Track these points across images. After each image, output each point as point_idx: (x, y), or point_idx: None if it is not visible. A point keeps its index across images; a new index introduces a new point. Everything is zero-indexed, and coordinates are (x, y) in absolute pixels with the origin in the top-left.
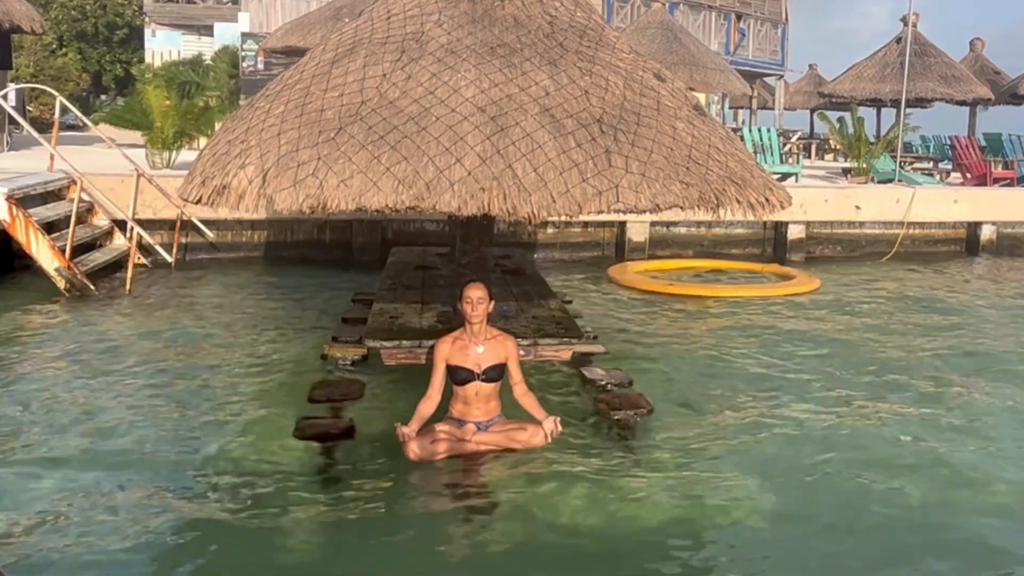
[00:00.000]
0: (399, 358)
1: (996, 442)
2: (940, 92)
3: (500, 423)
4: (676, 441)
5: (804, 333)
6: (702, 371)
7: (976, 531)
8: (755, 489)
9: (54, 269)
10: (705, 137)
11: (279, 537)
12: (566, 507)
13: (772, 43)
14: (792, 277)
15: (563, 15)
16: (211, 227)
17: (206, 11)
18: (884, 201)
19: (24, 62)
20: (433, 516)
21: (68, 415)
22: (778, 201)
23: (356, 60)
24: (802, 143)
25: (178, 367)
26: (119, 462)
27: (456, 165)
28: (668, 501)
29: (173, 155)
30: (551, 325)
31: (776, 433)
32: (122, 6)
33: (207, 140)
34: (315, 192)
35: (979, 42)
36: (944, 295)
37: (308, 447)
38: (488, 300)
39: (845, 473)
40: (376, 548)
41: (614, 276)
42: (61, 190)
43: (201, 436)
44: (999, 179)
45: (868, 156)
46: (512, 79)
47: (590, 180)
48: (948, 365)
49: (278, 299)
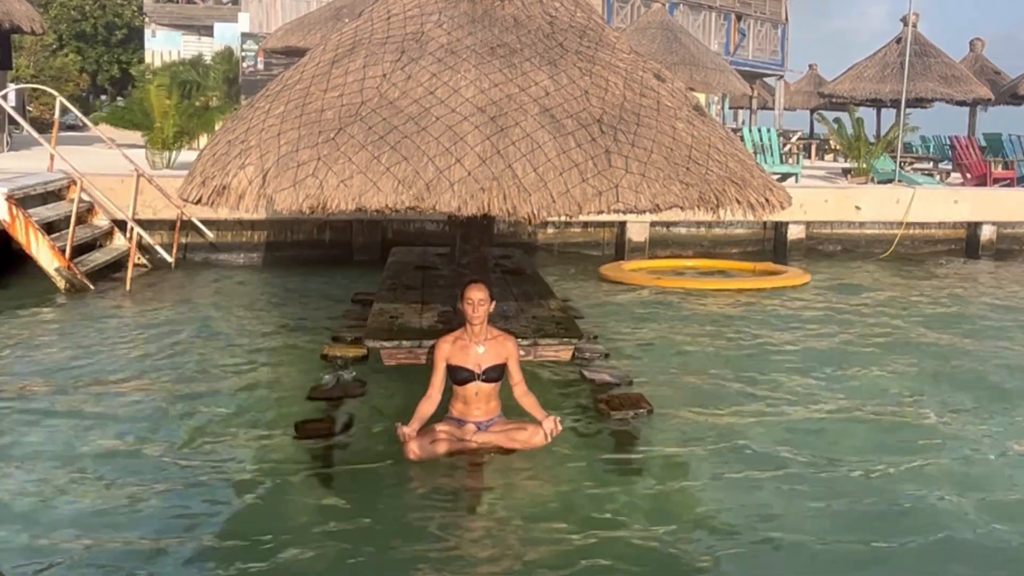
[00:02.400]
0: (399, 358)
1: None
2: (940, 92)
3: (500, 423)
4: (676, 441)
5: (804, 333)
6: (702, 371)
7: (973, 529)
8: (755, 488)
9: (54, 269)
10: (705, 137)
11: (277, 535)
12: (566, 507)
13: (772, 43)
14: (782, 275)
15: (563, 15)
16: (211, 227)
17: (206, 11)
18: (884, 201)
19: (24, 62)
20: (432, 516)
21: (67, 414)
22: (778, 201)
23: (356, 60)
24: (802, 143)
25: (177, 367)
26: (117, 461)
27: (456, 165)
28: (668, 501)
29: (173, 155)
30: (551, 325)
31: (776, 432)
32: (121, 6)
33: (207, 140)
34: (315, 192)
35: (979, 42)
36: (940, 294)
37: (308, 447)
38: (489, 301)
39: (845, 473)
40: (375, 547)
41: (606, 275)
42: (61, 190)
43: (200, 435)
44: (999, 179)
45: (868, 156)
46: (512, 79)
47: (590, 180)
48: (948, 363)
49: (278, 299)
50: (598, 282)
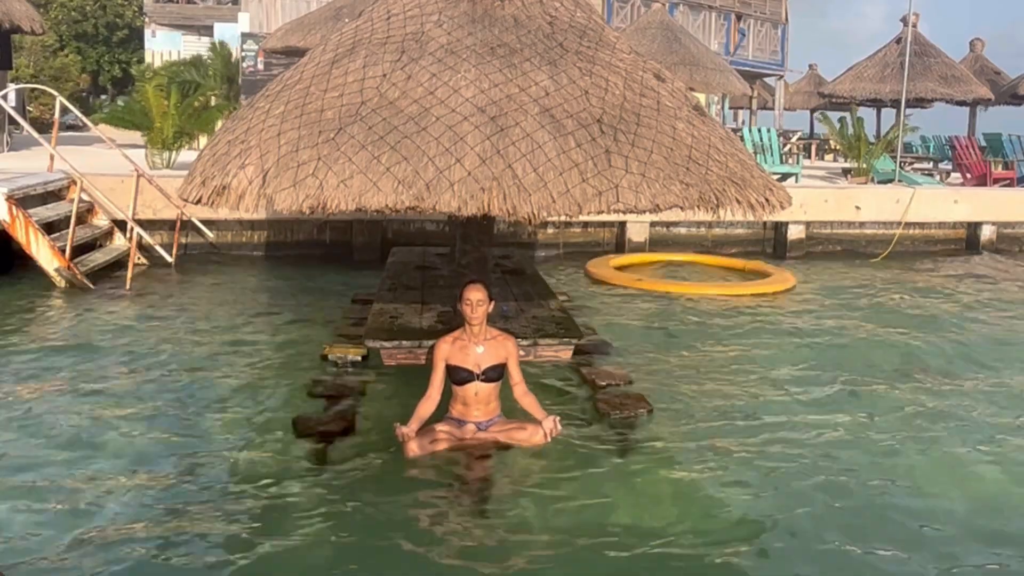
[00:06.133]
0: (399, 358)
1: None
2: (940, 92)
3: (500, 423)
4: (676, 441)
5: (803, 332)
6: (702, 371)
7: (969, 527)
8: (755, 488)
9: (54, 269)
10: (705, 137)
11: (277, 534)
12: (565, 506)
13: (772, 43)
14: (769, 275)
15: (563, 15)
16: (211, 227)
17: (206, 11)
18: (884, 201)
19: (24, 62)
20: (431, 515)
21: (66, 414)
22: (778, 201)
23: (356, 60)
24: (802, 143)
25: (177, 367)
26: (117, 460)
27: (456, 165)
28: (668, 501)
29: (173, 155)
30: (551, 325)
31: (776, 432)
32: (122, 7)
33: (207, 140)
34: (315, 192)
35: (979, 42)
36: (936, 294)
37: (307, 446)
38: (488, 301)
39: (845, 472)
40: (374, 546)
41: (591, 271)
42: (61, 190)
43: (200, 434)
44: (999, 179)
45: (868, 156)
46: (512, 79)
47: (590, 180)
48: (948, 363)
49: (278, 299)
50: (593, 281)
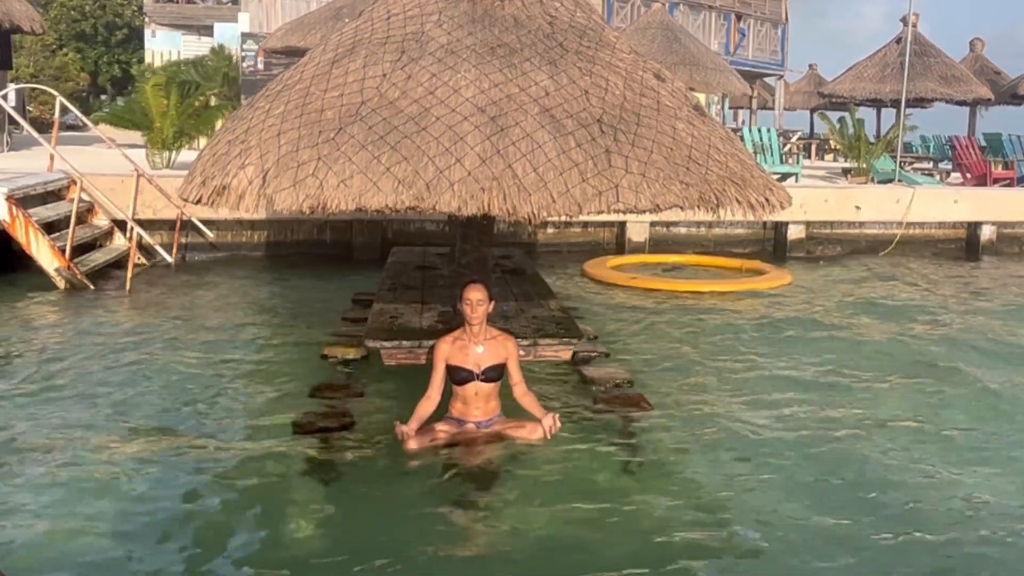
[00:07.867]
0: (399, 358)
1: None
2: (940, 92)
3: (499, 422)
4: (676, 441)
5: (801, 329)
6: (702, 370)
7: (969, 526)
8: (756, 487)
9: (54, 269)
10: (705, 137)
11: (276, 533)
12: (565, 505)
13: (772, 43)
14: (765, 274)
15: (563, 15)
16: (211, 227)
17: (206, 11)
18: (884, 201)
19: (24, 62)
20: (431, 514)
21: (66, 414)
22: (778, 201)
23: (356, 60)
24: (802, 143)
25: (177, 366)
26: (116, 460)
27: (456, 165)
28: (667, 500)
29: (173, 155)
30: (551, 325)
31: (776, 432)
32: (122, 6)
33: (207, 140)
34: (315, 192)
35: (979, 42)
36: (936, 294)
37: (307, 445)
38: (488, 301)
39: (846, 471)
40: (374, 545)
41: (588, 271)
42: (61, 190)
43: (200, 434)
44: (999, 179)
45: (868, 156)
46: (512, 79)
47: (590, 180)
48: (950, 361)
49: (278, 299)
50: (591, 282)
